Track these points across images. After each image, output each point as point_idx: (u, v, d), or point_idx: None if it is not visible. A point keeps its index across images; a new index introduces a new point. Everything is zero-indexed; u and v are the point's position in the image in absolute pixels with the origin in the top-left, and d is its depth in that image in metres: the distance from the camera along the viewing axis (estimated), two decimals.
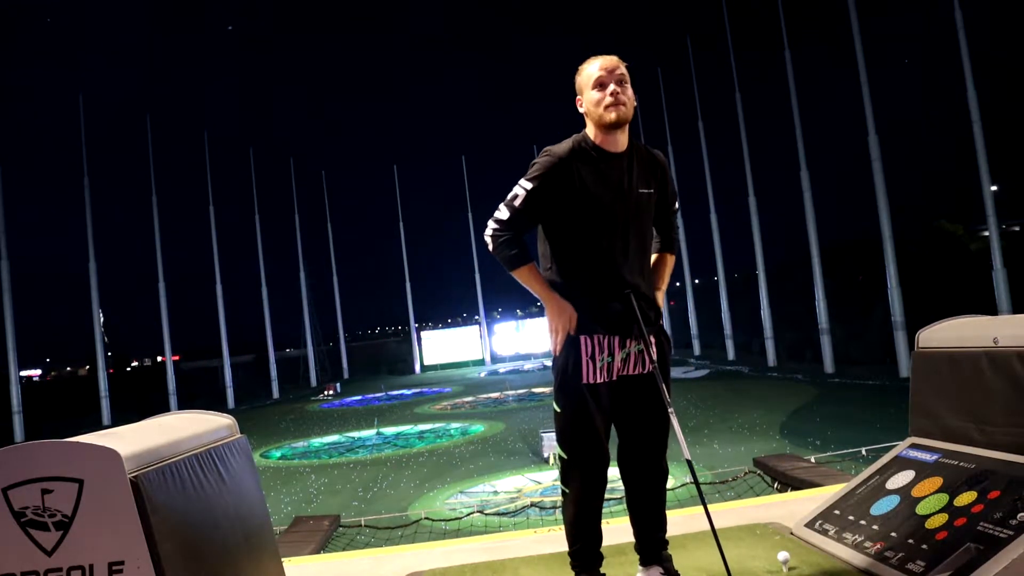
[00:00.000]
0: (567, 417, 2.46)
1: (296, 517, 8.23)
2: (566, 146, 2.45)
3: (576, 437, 2.45)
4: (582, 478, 2.47)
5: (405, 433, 17.91)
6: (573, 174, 2.39)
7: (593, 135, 2.47)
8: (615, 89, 2.40)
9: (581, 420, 2.44)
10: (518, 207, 2.40)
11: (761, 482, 7.59)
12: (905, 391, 3.25)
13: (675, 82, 30.78)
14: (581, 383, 2.42)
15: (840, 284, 22.39)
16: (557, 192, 2.39)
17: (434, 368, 38.62)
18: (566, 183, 2.39)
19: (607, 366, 2.44)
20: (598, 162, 2.43)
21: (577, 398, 2.43)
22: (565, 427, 2.47)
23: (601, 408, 2.45)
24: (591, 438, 2.44)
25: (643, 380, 2.50)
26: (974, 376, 2.78)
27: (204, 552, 2.14)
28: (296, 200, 35.94)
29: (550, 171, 2.39)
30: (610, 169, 2.44)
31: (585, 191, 2.39)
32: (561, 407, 2.47)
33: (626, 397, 2.50)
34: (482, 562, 3.16)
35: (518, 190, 2.42)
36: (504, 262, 2.43)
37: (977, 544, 2.29)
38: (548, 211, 2.43)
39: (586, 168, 2.41)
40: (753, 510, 3.62)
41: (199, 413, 2.66)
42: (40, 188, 50.80)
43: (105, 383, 24.43)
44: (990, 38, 23.67)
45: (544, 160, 2.42)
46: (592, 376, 2.42)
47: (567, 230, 2.45)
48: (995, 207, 16.77)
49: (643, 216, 2.51)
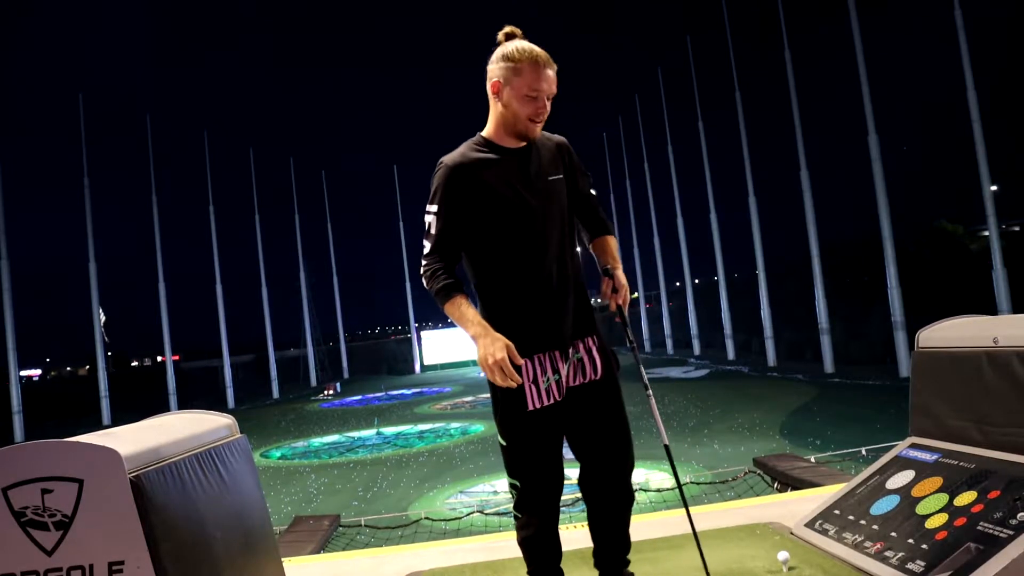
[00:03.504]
0: (514, 451, 2.25)
1: (296, 517, 8.22)
2: (460, 152, 2.25)
3: (528, 469, 2.25)
4: (537, 505, 2.28)
5: (405, 433, 17.91)
6: (474, 178, 2.20)
7: (493, 132, 2.27)
8: (545, 106, 2.21)
9: (531, 452, 2.24)
10: (435, 234, 2.20)
11: (761, 482, 7.58)
12: (905, 391, 3.24)
13: (675, 82, 30.81)
14: (526, 412, 2.20)
15: (840, 284, 22.40)
16: (464, 203, 2.19)
17: (434, 368, 38.65)
18: (469, 190, 2.19)
19: (554, 385, 2.23)
20: (499, 160, 2.24)
21: (523, 429, 2.21)
22: (514, 461, 2.26)
23: (551, 432, 2.25)
24: (543, 468, 2.25)
25: (594, 388, 2.29)
26: (974, 376, 2.78)
27: (204, 552, 2.14)
28: (296, 200, 36.00)
29: (450, 183, 2.20)
30: (512, 163, 2.25)
31: (490, 192, 2.20)
32: (507, 440, 2.25)
33: (578, 410, 2.28)
34: (482, 562, 3.16)
35: (428, 218, 2.22)
36: (435, 297, 2.17)
37: (977, 544, 2.28)
38: (463, 228, 2.22)
39: (487, 169, 2.22)
40: (753, 510, 3.62)
41: (199, 413, 2.66)
42: (40, 188, 50.87)
43: (105, 383, 24.46)
44: (990, 38, 23.66)
45: (440, 174, 2.22)
46: (537, 401, 2.20)
47: (482, 241, 2.23)
48: (995, 207, 16.78)
49: (558, 204, 2.29)
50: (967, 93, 17.04)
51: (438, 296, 2.16)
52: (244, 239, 33.41)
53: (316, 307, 38.35)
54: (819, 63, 26.75)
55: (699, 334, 31.47)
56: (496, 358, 2.04)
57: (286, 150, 62.81)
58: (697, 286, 32.26)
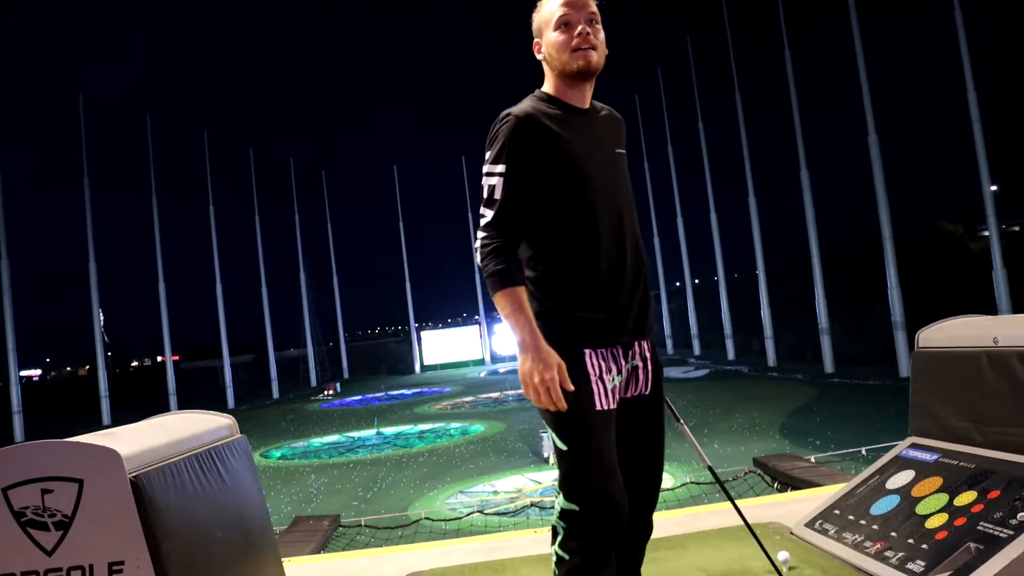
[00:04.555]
0: (582, 454, 1.82)
1: (296, 517, 8.22)
2: (527, 104, 1.93)
3: (596, 481, 1.81)
4: (597, 539, 1.81)
5: (405, 433, 17.90)
6: (548, 135, 1.88)
7: (553, 88, 1.98)
8: (584, 30, 1.90)
9: (602, 456, 1.83)
10: (501, 200, 1.84)
11: (761, 482, 7.57)
12: (905, 391, 3.24)
13: (675, 82, 30.81)
14: (595, 411, 1.84)
15: (840, 284, 22.40)
16: (536, 163, 1.86)
17: (434, 368, 38.61)
18: (543, 148, 1.86)
19: (619, 387, 1.92)
20: (568, 120, 1.94)
21: (593, 428, 1.83)
22: (580, 469, 1.82)
23: (614, 443, 1.89)
24: (614, 481, 1.83)
25: (642, 404, 1.99)
26: (974, 376, 2.78)
27: (204, 552, 2.14)
28: (296, 200, 35.99)
29: (522, 137, 1.85)
30: (582, 124, 1.96)
31: (566, 152, 1.88)
32: (570, 442, 1.83)
33: (625, 429, 1.95)
34: (482, 562, 3.16)
35: (490, 180, 1.86)
36: (488, 279, 1.83)
37: (977, 544, 2.28)
38: (532, 194, 1.88)
39: (560, 127, 1.90)
40: (753, 510, 3.61)
41: (199, 413, 2.66)
42: (40, 188, 50.87)
43: (105, 383, 24.43)
44: (990, 38, 23.68)
45: (508, 126, 1.87)
46: (604, 402, 1.86)
47: (549, 212, 1.89)
48: (995, 207, 16.77)
49: (627, 180, 2.04)
50: (967, 93, 17.04)
51: (493, 279, 1.81)
52: (244, 239, 33.42)
53: (316, 307, 38.36)
54: (819, 63, 26.78)
55: (699, 334, 31.46)
56: (545, 377, 1.73)
57: (286, 150, 62.86)
58: (697, 286, 32.26)
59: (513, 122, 1.86)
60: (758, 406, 15.94)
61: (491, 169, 1.87)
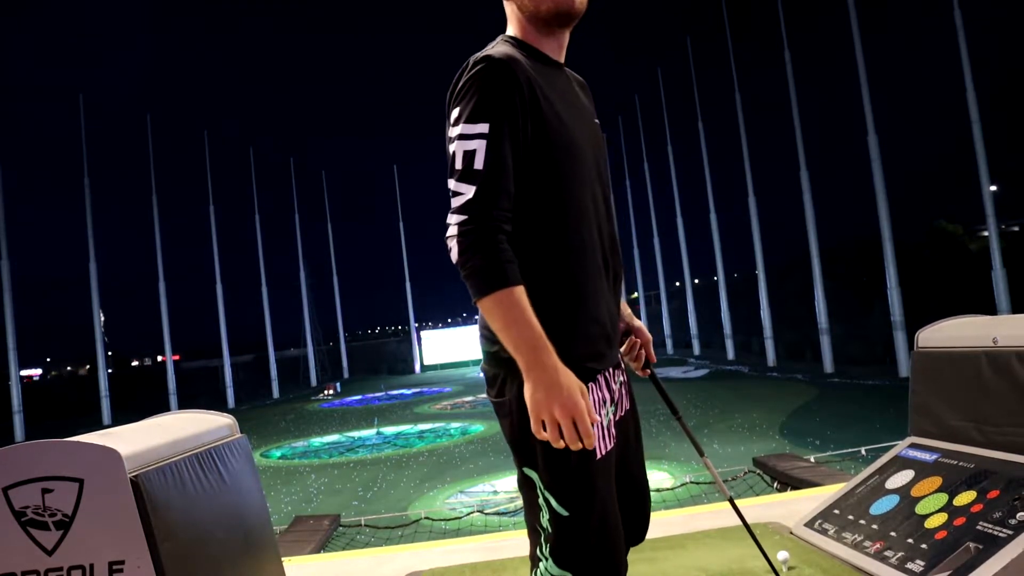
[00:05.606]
0: (584, 518, 1.40)
1: (296, 517, 8.22)
2: (505, 49, 1.44)
3: (602, 550, 1.42)
4: None
5: (405, 433, 17.90)
6: (533, 90, 1.40)
7: (522, 34, 1.53)
8: None
9: (607, 518, 1.43)
10: (485, 169, 1.33)
11: (761, 482, 7.57)
12: (905, 391, 3.25)
13: (675, 82, 30.84)
14: (595, 462, 1.42)
15: (840, 284, 22.41)
16: (522, 122, 1.39)
17: (434, 368, 38.64)
18: (527, 105, 1.39)
19: (612, 420, 1.53)
20: (547, 73, 1.49)
21: (598, 483, 1.42)
22: (582, 536, 1.40)
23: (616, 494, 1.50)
24: (621, 547, 1.48)
25: (628, 423, 1.63)
26: (973, 376, 2.78)
27: (204, 552, 2.14)
28: (296, 200, 36.00)
29: (503, 86, 1.37)
30: (562, 85, 1.54)
31: (556, 115, 1.44)
32: (572, 505, 1.40)
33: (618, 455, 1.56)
34: (482, 562, 3.16)
35: (468, 144, 1.35)
36: (477, 277, 1.32)
37: (976, 543, 2.29)
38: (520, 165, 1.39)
39: (541, 80, 1.44)
40: (753, 510, 3.61)
41: (199, 413, 2.66)
42: (40, 188, 50.89)
43: (105, 383, 24.45)
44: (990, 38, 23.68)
45: (486, 73, 1.37)
46: (603, 444, 1.45)
47: (531, 192, 1.41)
48: (995, 207, 16.79)
49: (605, 158, 1.62)
50: (967, 93, 17.05)
51: (478, 279, 1.32)
52: (244, 239, 33.44)
53: (316, 307, 38.39)
54: (819, 63, 26.80)
55: (699, 334, 31.48)
56: (568, 406, 1.28)
57: (286, 150, 62.86)
58: (697, 286, 32.27)
59: (495, 67, 1.37)
60: (758, 406, 15.95)
61: (466, 130, 1.35)
